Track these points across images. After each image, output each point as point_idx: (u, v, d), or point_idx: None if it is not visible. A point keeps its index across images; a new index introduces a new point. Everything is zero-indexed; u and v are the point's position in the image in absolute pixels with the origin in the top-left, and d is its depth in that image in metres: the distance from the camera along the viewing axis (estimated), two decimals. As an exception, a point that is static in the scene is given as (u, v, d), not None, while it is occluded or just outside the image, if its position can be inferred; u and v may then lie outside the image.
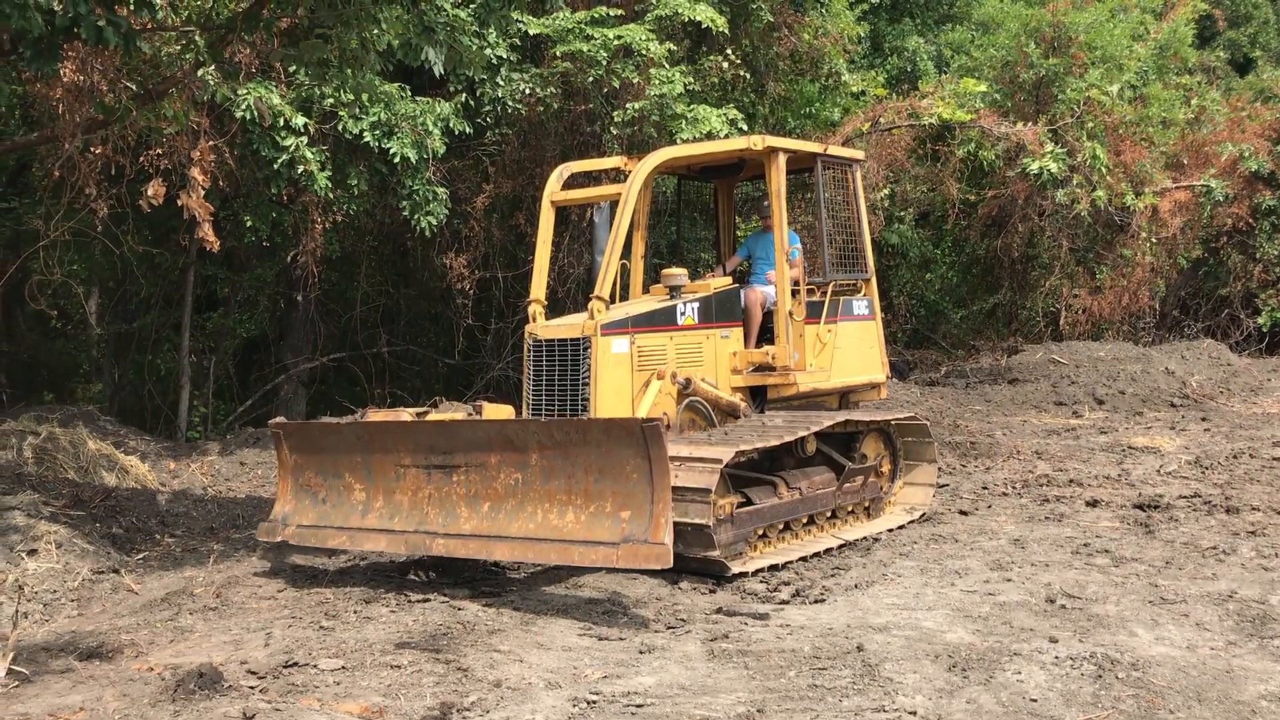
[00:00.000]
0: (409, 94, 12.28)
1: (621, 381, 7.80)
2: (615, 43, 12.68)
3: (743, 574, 7.15)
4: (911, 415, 9.14)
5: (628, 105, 12.91)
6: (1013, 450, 11.95)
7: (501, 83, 12.93)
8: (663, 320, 8.24)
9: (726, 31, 13.79)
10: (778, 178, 8.70)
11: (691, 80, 13.59)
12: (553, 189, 8.75)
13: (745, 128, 13.18)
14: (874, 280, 9.72)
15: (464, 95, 12.80)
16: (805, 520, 8.10)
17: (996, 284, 20.73)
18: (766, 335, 8.94)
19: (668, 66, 13.15)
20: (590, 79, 12.98)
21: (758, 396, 8.88)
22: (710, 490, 6.80)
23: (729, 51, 14.58)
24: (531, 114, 13.45)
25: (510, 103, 13.05)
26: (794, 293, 8.74)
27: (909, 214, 19.43)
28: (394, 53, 8.14)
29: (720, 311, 8.67)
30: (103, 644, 6.21)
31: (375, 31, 7.81)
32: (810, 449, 8.17)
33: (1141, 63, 19.05)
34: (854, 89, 18.05)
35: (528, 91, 13.08)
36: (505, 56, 12.76)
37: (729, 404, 8.43)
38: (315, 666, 5.54)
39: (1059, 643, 5.66)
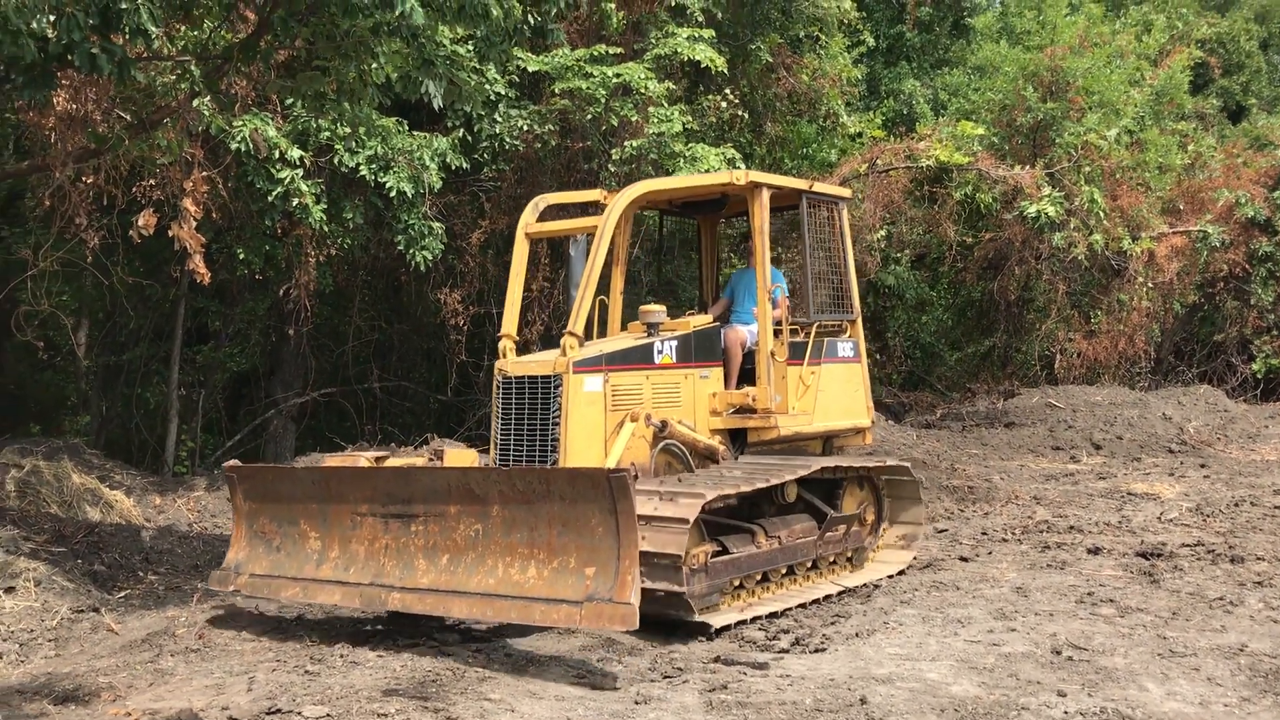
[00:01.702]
0: (406, 128, 12.21)
1: (594, 422, 7.45)
2: (614, 81, 12.64)
3: (717, 629, 6.81)
4: (899, 463, 8.86)
5: (626, 143, 12.85)
6: (1011, 495, 11.81)
7: (499, 119, 12.88)
8: (639, 358, 7.90)
9: (725, 71, 13.77)
10: (761, 213, 8.39)
11: (690, 119, 13.55)
12: (527, 220, 8.51)
13: (743, 168, 13.12)
14: (860, 322, 9.43)
15: (461, 130, 12.74)
16: (784, 570, 7.78)
17: (992, 327, 20.67)
18: (748, 376, 8.59)
19: (666, 105, 13.11)
20: (589, 116, 12.93)
21: (738, 440, 8.51)
22: (680, 555, 6.49)
23: (727, 91, 14.58)
24: (529, 150, 13.39)
25: (508, 139, 12.99)
26: (776, 333, 8.43)
27: (905, 255, 19.39)
28: (392, 86, 8.06)
29: (700, 350, 8.33)
30: (79, 686, 6.00)
31: (373, 65, 7.74)
32: (791, 496, 7.87)
33: (1138, 108, 19.11)
34: (851, 130, 18.07)
35: (525, 128, 13.02)
36: (504, 93, 12.71)
37: (707, 447, 8.10)
38: (299, 714, 5.34)
39: (1068, 696, 5.50)
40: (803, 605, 7.49)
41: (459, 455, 7.80)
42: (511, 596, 5.90)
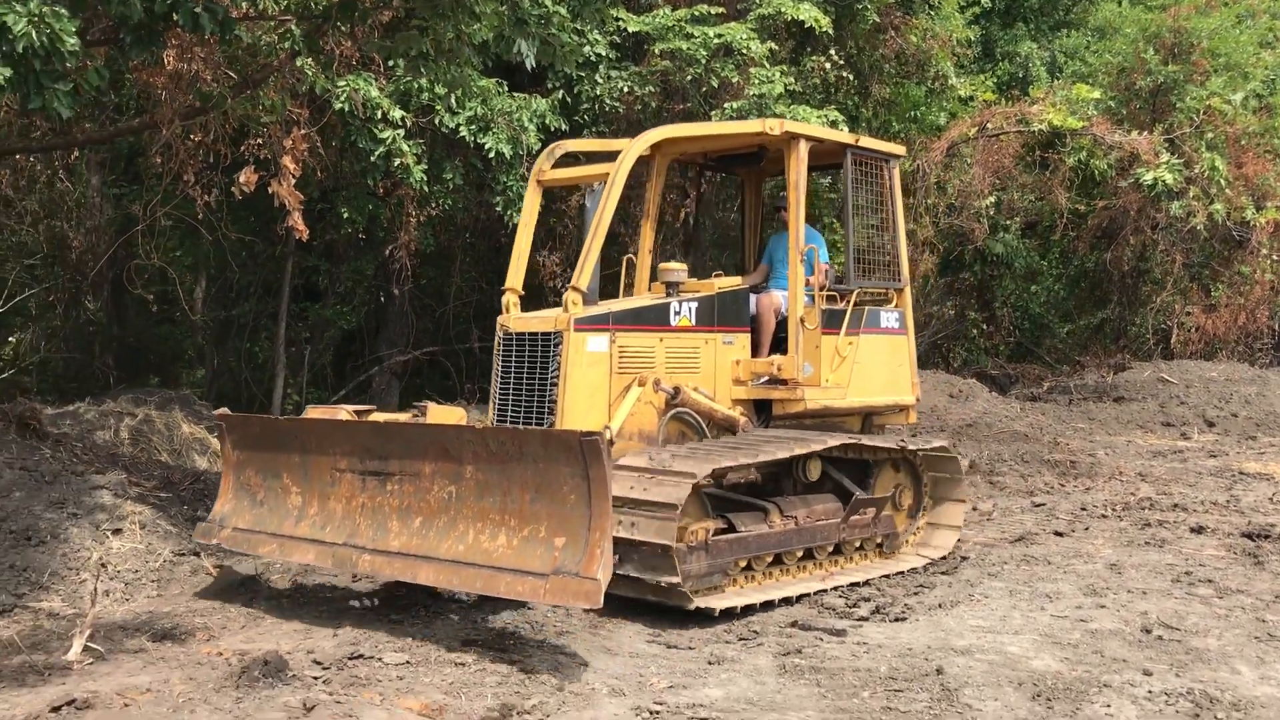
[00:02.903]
0: (506, 90, 12.28)
1: (596, 384, 6.93)
2: (715, 41, 12.53)
3: (707, 611, 6.29)
4: (941, 446, 8.13)
5: (726, 105, 12.73)
6: (1115, 471, 11.48)
7: (600, 80, 12.86)
8: (653, 319, 7.32)
9: (830, 32, 13.54)
10: (797, 168, 7.73)
11: (792, 81, 13.36)
12: (541, 167, 7.98)
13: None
14: (908, 291, 8.72)
15: (561, 92, 12.76)
16: (800, 554, 7.23)
17: (1105, 298, 20.06)
18: (783, 346, 7.97)
19: (768, 66, 12.94)
20: (689, 78, 12.84)
21: (763, 412, 7.88)
22: (677, 507, 6.07)
23: (832, 52, 14.32)
24: (629, 112, 13.35)
25: (608, 101, 12.97)
26: (811, 299, 7.80)
27: (1015, 223, 18.90)
28: (489, 46, 8.10)
29: (723, 314, 7.73)
30: (177, 625, 6.26)
31: (472, 25, 7.79)
32: (814, 474, 7.34)
33: (1269, 71, 18.24)
34: (962, 93, 17.61)
35: (626, 90, 12.98)
36: (604, 54, 12.68)
37: (725, 417, 7.54)
38: (380, 660, 5.49)
39: (1153, 676, 5.35)
40: (810, 595, 6.88)
41: (444, 412, 7.33)
42: (479, 565, 5.57)
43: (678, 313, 7.47)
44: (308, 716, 4.79)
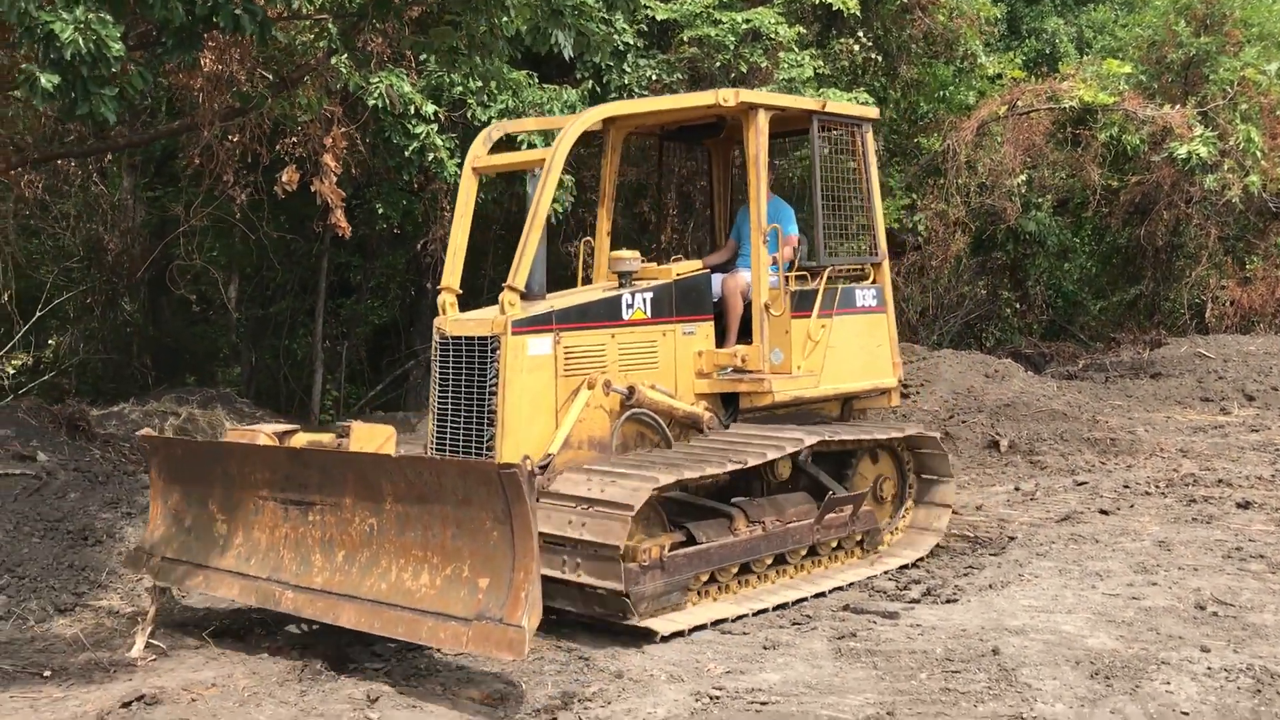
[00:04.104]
0: (536, 81, 12.30)
1: (539, 391, 6.41)
2: (743, 27, 12.50)
3: (675, 634, 5.87)
4: (920, 430, 7.83)
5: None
6: (1156, 447, 11.41)
7: (628, 69, 12.85)
8: (602, 314, 6.80)
9: (858, 13, 13.48)
10: (757, 140, 7.19)
11: (821, 64, 13.32)
12: (476, 153, 7.34)
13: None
14: (885, 265, 8.14)
15: (590, 82, 12.77)
16: (770, 561, 6.77)
17: (1138, 274, 19.89)
18: (751, 330, 7.45)
19: (797, 50, 12.91)
20: (718, 64, 12.82)
21: (731, 405, 7.38)
22: (618, 547, 5.71)
23: (860, 34, 14.26)
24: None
25: (636, 89, 12.95)
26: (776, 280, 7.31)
27: (1047, 201, 18.76)
28: (522, 39, 8.12)
29: (682, 303, 7.18)
30: (234, 622, 6.36)
31: (503, 18, 7.82)
32: (784, 473, 6.94)
33: (1304, 40, 18.01)
34: (990, 71, 17.49)
35: (654, 77, 12.97)
36: (632, 43, 12.68)
37: (687, 415, 7.05)
38: (439, 651, 5.56)
39: (1211, 652, 5.34)
40: (782, 606, 6.42)
41: (369, 433, 6.59)
42: (401, 607, 5.21)
43: (630, 305, 6.94)
44: (372, 707, 4.88)
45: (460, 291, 7.05)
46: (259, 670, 5.47)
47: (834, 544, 7.22)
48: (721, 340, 7.47)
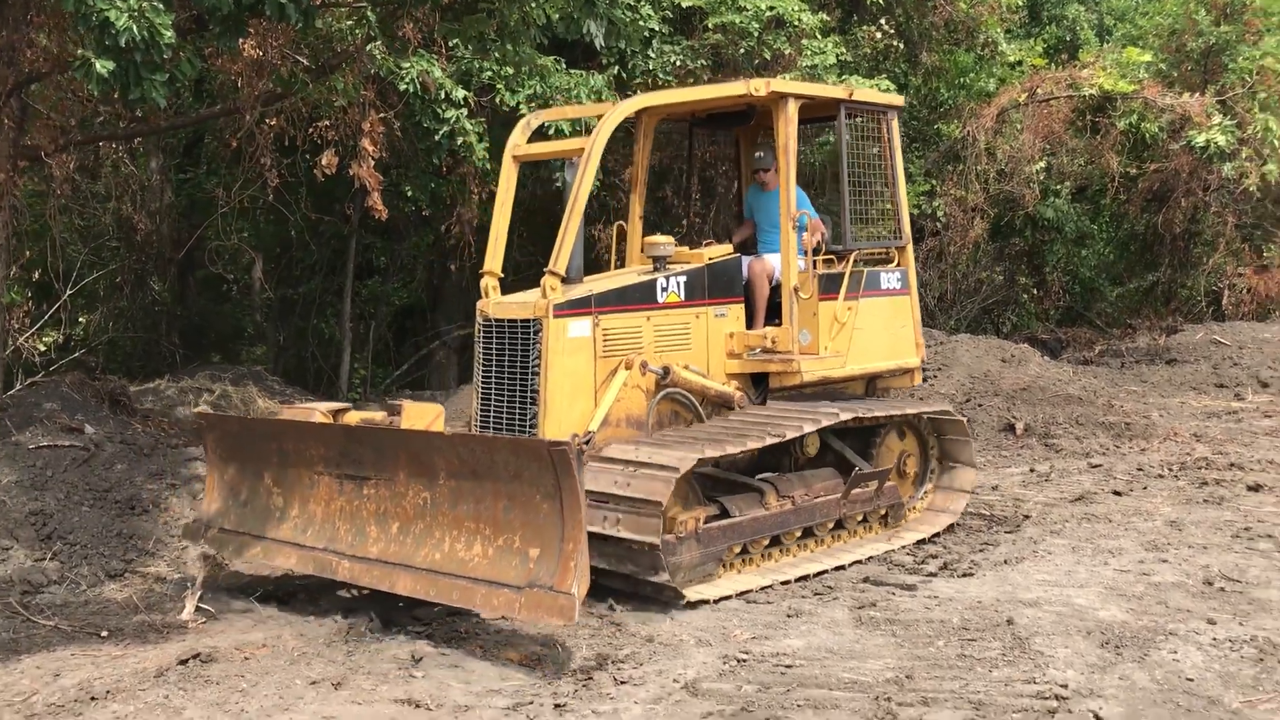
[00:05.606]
0: (563, 67, 12.50)
1: (580, 371, 6.66)
2: (767, 14, 12.66)
3: (700, 602, 6.12)
4: (944, 409, 8.04)
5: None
6: (1170, 432, 11.60)
7: (653, 55, 13.04)
8: (638, 298, 7.04)
9: (880, 1, 13.61)
10: (786, 129, 7.38)
11: (844, 51, 13.48)
12: (516, 142, 7.57)
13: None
14: (910, 249, 8.38)
15: (615, 68, 12.96)
16: (799, 534, 7.06)
17: (1156, 261, 19.99)
18: (779, 312, 7.69)
19: (820, 37, 13.08)
20: (741, 50, 12.98)
21: (760, 385, 7.62)
22: (661, 504, 5.93)
23: (882, 21, 14.42)
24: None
25: (661, 75, 13.14)
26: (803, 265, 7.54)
27: (1065, 188, 18.88)
28: (552, 26, 8.32)
29: (715, 286, 7.43)
30: (279, 587, 6.63)
31: (534, 6, 8.04)
32: (812, 449, 7.27)
33: (1323, 30, 18.06)
34: (1011, 59, 17.62)
35: (679, 63, 13.15)
36: (657, 29, 12.86)
37: (719, 394, 7.29)
38: (478, 616, 5.82)
39: (1217, 624, 5.57)
40: (805, 578, 6.64)
41: (419, 411, 6.94)
42: (455, 575, 5.47)
43: (665, 289, 7.19)
44: (417, 667, 5.13)
45: (502, 275, 7.28)
46: (306, 632, 5.74)
47: (859, 517, 7.47)
48: (750, 321, 7.70)
